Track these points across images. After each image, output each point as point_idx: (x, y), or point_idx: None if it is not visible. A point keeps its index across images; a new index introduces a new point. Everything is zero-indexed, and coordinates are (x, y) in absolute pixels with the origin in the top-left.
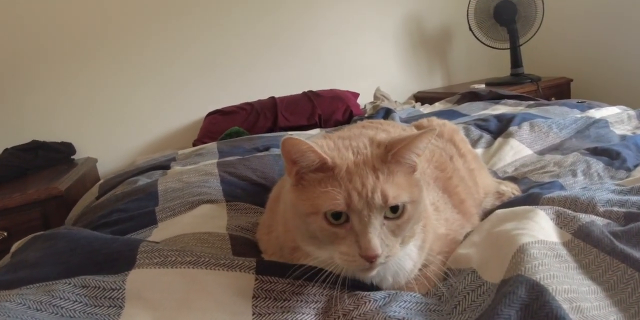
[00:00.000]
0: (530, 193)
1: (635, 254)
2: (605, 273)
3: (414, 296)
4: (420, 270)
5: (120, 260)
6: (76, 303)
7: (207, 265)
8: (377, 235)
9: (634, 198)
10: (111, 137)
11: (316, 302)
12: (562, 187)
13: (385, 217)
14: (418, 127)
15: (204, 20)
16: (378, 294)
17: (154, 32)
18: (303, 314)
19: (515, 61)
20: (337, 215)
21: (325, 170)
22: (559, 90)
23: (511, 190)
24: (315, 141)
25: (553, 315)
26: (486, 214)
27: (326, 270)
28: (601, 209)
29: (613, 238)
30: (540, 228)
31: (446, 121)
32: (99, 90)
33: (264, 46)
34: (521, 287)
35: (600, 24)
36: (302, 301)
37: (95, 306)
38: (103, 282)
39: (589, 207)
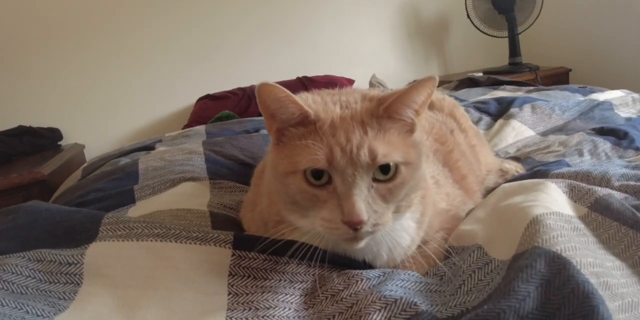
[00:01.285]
0: (536, 170)
1: None
2: (628, 248)
3: (412, 275)
4: (418, 247)
5: (82, 233)
6: (29, 278)
7: (177, 238)
8: (363, 199)
9: None
10: (99, 123)
11: (302, 282)
12: (568, 166)
13: (375, 180)
14: None
15: (197, 6)
16: (371, 273)
17: (145, 18)
18: (286, 294)
19: (514, 50)
20: (318, 175)
21: (307, 124)
22: (557, 80)
23: (514, 168)
24: (300, 95)
25: (580, 291)
26: (488, 192)
27: (312, 246)
28: (616, 184)
29: (635, 211)
30: (553, 200)
31: (446, 95)
32: (87, 75)
33: (258, 32)
34: (540, 259)
35: (600, 14)
36: (285, 280)
37: (50, 282)
38: (60, 255)
39: (603, 181)
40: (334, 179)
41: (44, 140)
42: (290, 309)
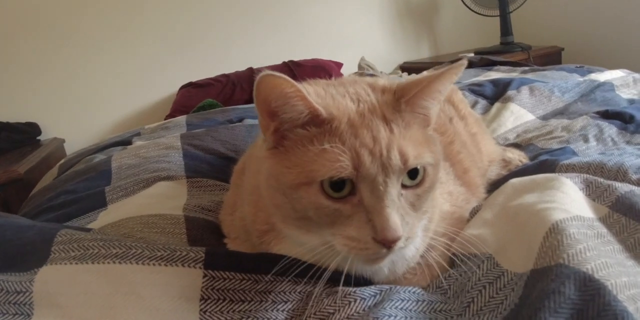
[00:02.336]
0: (542, 160)
1: None
2: None
3: (413, 293)
4: (421, 257)
5: (33, 254)
6: None
7: (139, 259)
8: (397, 211)
9: None
10: (79, 116)
11: (286, 302)
12: (574, 153)
13: (403, 186)
14: None
15: None
16: (366, 291)
17: (123, 5)
18: (269, 319)
19: (505, 29)
20: (338, 186)
21: (318, 124)
22: (550, 59)
23: (518, 157)
24: (304, 85)
25: None
26: (491, 184)
27: (305, 262)
28: (634, 177)
29: None
30: (572, 200)
31: None
32: (65, 67)
33: (242, 16)
34: (568, 283)
35: None
36: (267, 301)
37: None
38: (7, 282)
39: (619, 174)
40: (359, 189)
41: (22, 136)
42: None
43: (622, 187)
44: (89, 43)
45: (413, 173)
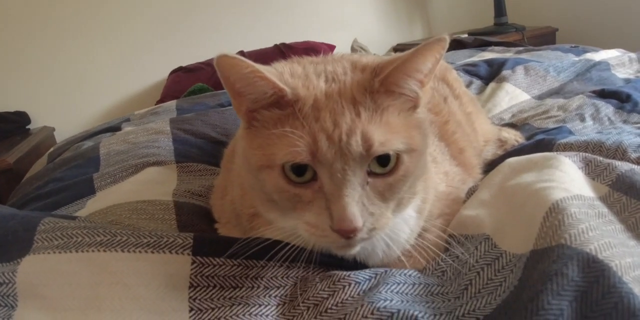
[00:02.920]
0: (539, 139)
1: None
2: None
3: (409, 275)
4: (416, 239)
5: (15, 244)
6: None
7: (124, 247)
8: (357, 200)
9: None
10: (69, 104)
11: (278, 288)
12: (571, 133)
13: (371, 174)
14: None
15: None
16: (361, 275)
17: None
18: (260, 305)
19: (499, 9)
20: (300, 170)
21: (283, 105)
22: (544, 40)
23: (514, 137)
24: (276, 66)
25: (625, 306)
26: (487, 164)
27: (291, 245)
28: (633, 155)
29: None
30: (571, 179)
31: None
32: (52, 54)
33: None
34: (571, 264)
35: None
36: (259, 287)
37: None
38: None
39: (618, 153)
40: (319, 175)
41: (11, 125)
42: None
43: (622, 166)
44: (76, 29)
45: (384, 160)
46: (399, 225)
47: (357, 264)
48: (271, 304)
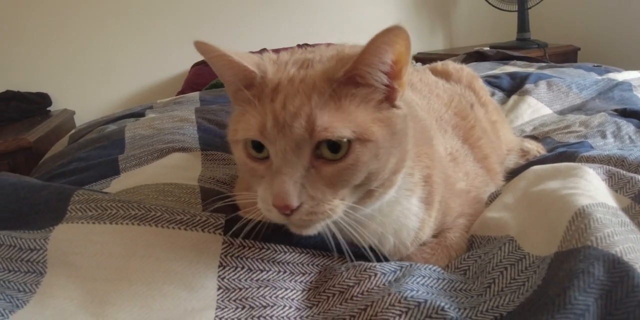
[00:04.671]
0: (561, 151)
1: None
2: None
3: (434, 270)
4: (438, 235)
5: (47, 213)
6: None
7: (158, 222)
8: (294, 180)
9: None
10: (91, 88)
11: (304, 274)
12: (592, 148)
13: (321, 158)
14: (432, 71)
15: None
16: (387, 266)
17: None
18: (286, 289)
19: (522, 25)
20: (259, 147)
21: (253, 87)
22: (566, 58)
23: (536, 148)
24: (267, 54)
25: None
26: (509, 173)
27: (320, 235)
28: None
29: None
30: (595, 188)
31: (464, 65)
32: (79, 39)
33: None
34: (597, 264)
35: None
36: (285, 272)
37: (9, 271)
38: (21, 240)
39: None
40: (270, 152)
41: (32, 106)
42: (291, 307)
43: None
44: (104, 15)
45: (335, 147)
46: (403, 212)
47: (374, 252)
48: (297, 289)
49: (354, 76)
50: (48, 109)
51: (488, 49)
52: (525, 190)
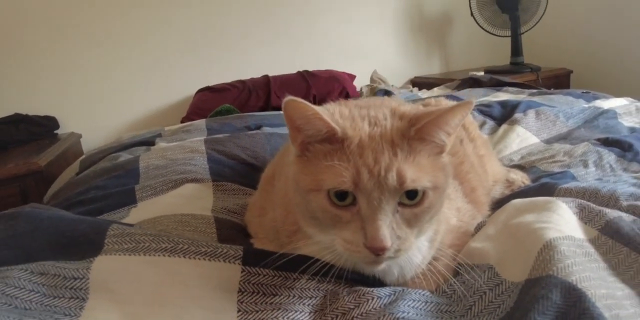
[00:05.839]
0: (543, 183)
1: None
2: (637, 275)
3: (423, 294)
4: (428, 264)
5: (86, 245)
6: (32, 293)
7: (186, 254)
8: (388, 224)
9: None
10: (96, 112)
11: (311, 298)
12: (574, 178)
13: (401, 204)
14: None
15: None
16: (382, 291)
17: (144, 8)
18: (296, 311)
19: (516, 49)
20: (342, 196)
21: (334, 141)
22: (558, 81)
23: (521, 178)
24: (327, 107)
25: None
26: (495, 203)
27: (323, 261)
28: (624, 203)
29: None
30: (566, 222)
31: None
32: (84, 64)
33: (256, 22)
34: (555, 290)
35: (603, 16)
36: (295, 296)
37: (55, 297)
38: (64, 269)
39: (611, 200)
40: (359, 201)
41: (40, 129)
42: None
43: (612, 213)
44: (111, 43)
45: (412, 194)
46: (413, 251)
47: (375, 281)
48: (305, 311)
49: (424, 134)
50: (55, 132)
51: (483, 74)
52: (505, 223)
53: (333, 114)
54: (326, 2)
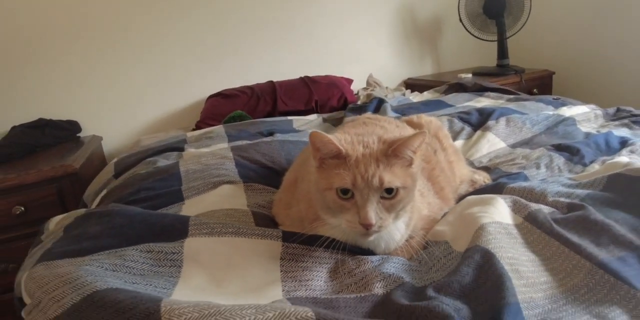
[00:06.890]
0: (497, 182)
1: (568, 236)
2: (544, 248)
3: (401, 260)
4: (406, 241)
5: (175, 232)
6: (144, 264)
7: (245, 235)
8: (373, 209)
9: (578, 191)
10: (115, 116)
11: (327, 264)
12: (526, 178)
13: (382, 197)
14: (409, 123)
15: (211, 6)
16: (374, 257)
17: (162, 17)
18: (317, 271)
19: (502, 53)
20: (345, 192)
21: (340, 157)
22: (541, 82)
23: (483, 179)
24: (337, 135)
25: (497, 272)
26: (461, 198)
27: (334, 239)
28: (550, 199)
29: (553, 222)
30: (499, 212)
31: (433, 118)
32: (107, 70)
33: (266, 34)
34: (477, 253)
35: (585, 21)
36: (316, 262)
37: (160, 266)
38: (165, 247)
39: (541, 197)
40: (355, 195)
41: (64, 133)
42: (320, 280)
43: (534, 206)
44: (129, 51)
45: (389, 191)
46: (394, 231)
47: (369, 252)
48: (323, 271)
49: (397, 152)
50: (78, 135)
51: (469, 75)
52: (460, 213)
53: (340, 140)
54: (325, 10)
